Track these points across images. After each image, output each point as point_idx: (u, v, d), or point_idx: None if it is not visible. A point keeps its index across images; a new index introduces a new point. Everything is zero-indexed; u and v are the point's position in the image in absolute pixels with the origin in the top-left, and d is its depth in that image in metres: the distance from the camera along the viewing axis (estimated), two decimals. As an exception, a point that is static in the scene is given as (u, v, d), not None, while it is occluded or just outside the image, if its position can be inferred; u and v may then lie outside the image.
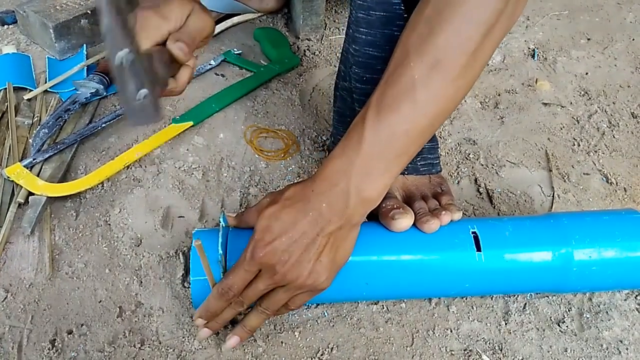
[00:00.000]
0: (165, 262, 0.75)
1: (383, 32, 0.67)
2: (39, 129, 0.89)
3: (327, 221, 0.57)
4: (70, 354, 0.66)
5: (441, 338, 0.68)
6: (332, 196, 0.57)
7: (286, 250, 0.57)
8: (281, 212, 0.58)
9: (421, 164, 0.76)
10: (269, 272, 0.58)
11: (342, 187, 0.57)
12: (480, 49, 0.55)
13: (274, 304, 0.61)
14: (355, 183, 0.57)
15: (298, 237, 0.57)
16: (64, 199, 0.81)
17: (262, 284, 0.59)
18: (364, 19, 0.68)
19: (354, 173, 0.56)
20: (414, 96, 0.55)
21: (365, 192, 0.57)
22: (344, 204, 0.57)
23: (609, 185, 0.88)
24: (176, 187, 0.84)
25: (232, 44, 1.13)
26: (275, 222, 0.57)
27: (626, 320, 0.71)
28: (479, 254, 0.66)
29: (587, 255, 0.66)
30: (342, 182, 0.57)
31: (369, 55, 0.70)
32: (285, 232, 0.57)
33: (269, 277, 0.58)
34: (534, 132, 0.96)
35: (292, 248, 0.57)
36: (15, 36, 1.11)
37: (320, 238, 0.57)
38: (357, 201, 0.57)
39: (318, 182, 0.58)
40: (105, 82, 0.98)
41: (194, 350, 0.66)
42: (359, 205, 0.58)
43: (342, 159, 0.57)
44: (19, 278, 0.73)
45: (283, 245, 0.57)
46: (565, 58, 1.12)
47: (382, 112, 0.56)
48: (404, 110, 0.56)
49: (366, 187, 0.57)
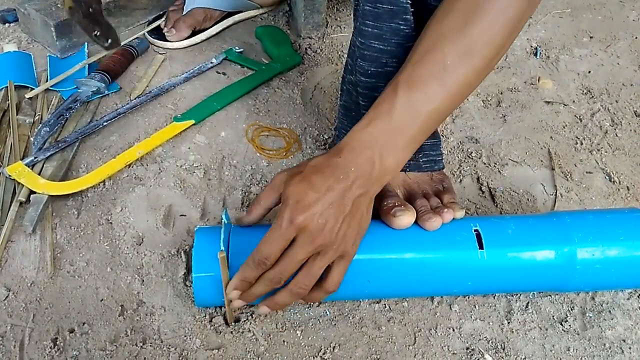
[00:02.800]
0: (167, 260, 0.75)
1: (390, 25, 0.67)
2: (41, 128, 0.89)
3: (357, 186, 0.59)
4: (72, 352, 0.66)
5: (443, 337, 0.68)
6: (360, 163, 0.59)
7: (322, 213, 0.57)
8: (311, 177, 0.58)
9: (423, 160, 0.76)
10: (307, 237, 0.57)
11: (369, 154, 0.59)
12: (505, 43, 0.61)
13: (310, 277, 0.60)
14: (380, 152, 0.59)
15: (333, 201, 0.58)
16: (65, 197, 0.81)
17: (301, 251, 0.58)
18: (371, 11, 0.68)
19: (381, 143, 0.59)
20: (444, 79, 0.59)
21: (387, 162, 0.60)
22: (369, 171, 0.59)
23: (612, 183, 0.87)
24: (178, 185, 0.84)
25: (233, 42, 1.13)
26: (309, 186, 0.58)
27: (629, 319, 0.71)
28: (481, 251, 0.66)
29: (590, 253, 0.66)
30: (369, 150, 0.59)
31: (375, 49, 0.69)
32: (320, 196, 0.57)
33: (308, 242, 0.58)
34: (536, 131, 0.96)
35: (328, 211, 0.57)
36: (16, 34, 1.11)
37: (350, 202, 0.59)
38: (380, 169, 0.60)
39: (345, 151, 0.60)
40: (106, 81, 0.98)
41: (196, 349, 0.66)
42: (381, 174, 0.60)
43: (370, 129, 0.60)
44: (20, 277, 0.73)
45: (319, 208, 0.57)
46: (568, 56, 1.12)
47: (413, 89, 0.59)
48: (433, 91, 0.59)
49: (389, 157, 0.60)
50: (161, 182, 0.85)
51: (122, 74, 1.03)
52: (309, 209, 0.57)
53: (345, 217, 0.58)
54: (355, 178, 0.59)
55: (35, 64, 1.04)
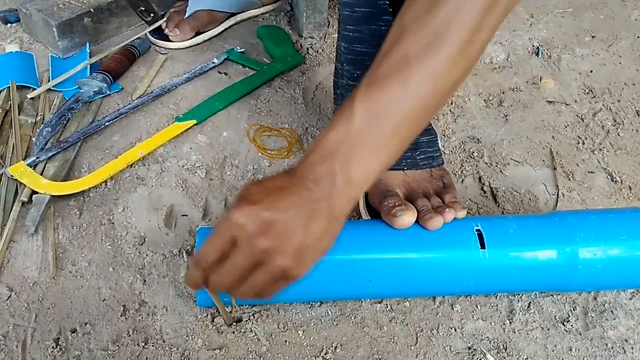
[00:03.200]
0: (168, 260, 0.75)
1: (369, 27, 0.67)
2: (43, 128, 0.89)
3: (314, 197, 0.53)
4: (74, 352, 0.66)
5: (445, 337, 0.68)
6: (319, 172, 0.53)
7: (267, 214, 0.51)
8: (262, 182, 0.54)
9: (420, 157, 0.75)
10: (245, 238, 0.52)
11: (329, 164, 0.53)
12: (481, 26, 0.52)
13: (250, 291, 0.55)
14: (341, 162, 0.53)
15: (282, 205, 0.52)
16: (67, 197, 0.81)
17: (239, 256, 0.53)
18: (350, 16, 0.68)
19: (342, 151, 0.53)
20: (407, 74, 0.52)
21: (352, 172, 0.53)
22: (330, 183, 0.53)
23: (614, 183, 0.87)
24: (179, 185, 0.84)
25: (235, 42, 1.13)
26: (258, 186, 0.53)
27: (631, 319, 0.70)
28: (483, 251, 0.66)
29: (592, 253, 0.66)
30: (329, 160, 0.53)
31: (357, 52, 0.70)
32: (267, 196, 0.52)
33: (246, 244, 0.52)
34: (538, 130, 0.96)
35: (275, 214, 0.51)
36: (18, 34, 1.11)
37: (304, 212, 0.52)
38: (344, 182, 0.53)
39: (304, 161, 0.54)
40: (108, 81, 0.98)
41: (198, 348, 0.66)
42: (345, 188, 0.53)
43: (331, 136, 0.53)
44: (22, 277, 0.73)
45: (264, 207, 0.51)
46: (570, 56, 1.12)
47: (371, 89, 0.53)
48: (395, 88, 0.53)
49: (353, 167, 0.53)
50: (163, 182, 0.85)
51: (123, 74, 1.03)
52: (251, 206, 0.51)
53: (294, 225, 0.52)
54: (315, 190, 0.52)
55: (37, 64, 1.04)
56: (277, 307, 0.70)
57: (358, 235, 0.67)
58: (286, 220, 0.52)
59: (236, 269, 0.54)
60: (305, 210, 0.52)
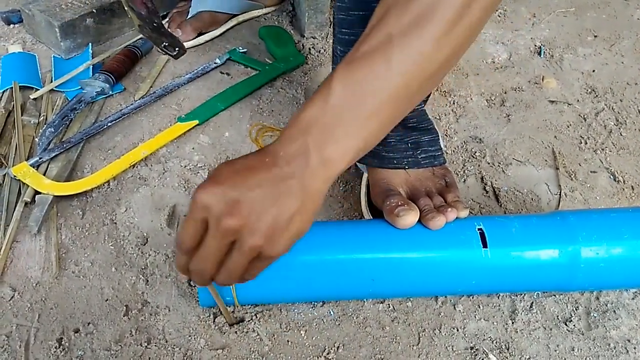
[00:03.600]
0: (171, 260, 0.75)
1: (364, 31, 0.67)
2: (45, 128, 0.89)
3: (283, 176, 0.51)
4: (77, 352, 0.66)
5: (447, 337, 0.68)
6: (292, 149, 0.51)
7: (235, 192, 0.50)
8: (233, 161, 0.53)
9: (422, 157, 0.75)
10: (214, 218, 0.51)
11: (302, 141, 0.51)
12: (469, 7, 0.50)
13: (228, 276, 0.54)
14: (316, 139, 0.51)
15: (252, 182, 0.51)
16: (70, 197, 0.81)
17: (211, 238, 0.52)
18: (344, 19, 0.68)
19: (316, 129, 0.51)
20: (389, 53, 0.50)
21: (327, 151, 0.51)
22: (304, 161, 0.51)
23: (616, 183, 0.87)
24: (182, 185, 0.84)
25: (237, 42, 1.13)
26: (226, 168, 0.52)
27: (634, 319, 0.70)
28: (485, 250, 0.66)
29: (594, 252, 0.66)
30: (302, 137, 0.51)
31: None
32: (236, 175, 0.51)
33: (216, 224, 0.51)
34: (540, 130, 0.96)
35: (243, 192, 0.50)
36: (21, 35, 1.12)
37: (277, 190, 0.51)
38: (318, 160, 0.51)
39: (278, 139, 0.53)
40: (110, 81, 0.98)
41: (200, 349, 0.66)
42: (320, 166, 0.51)
43: (306, 113, 0.52)
44: (25, 277, 0.73)
45: (230, 185, 0.50)
46: (572, 55, 1.12)
47: (352, 67, 0.51)
48: (377, 67, 0.51)
49: (328, 146, 0.51)
50: (165, 183, 0.85)
51: (126, 74, 1.03)
52: (218, 186, 0.50)
53: (262, 204, 0.50)
54: (285, 164, 0.51)
55: (40, 65, 1.04)
56: (280, 307, 0.70)
57: (360, 234, 0.68)
58: (253, 199, 0.50)
59: (211, 252, 0.53)
60: (274, 189, 0.51)
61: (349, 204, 0.83)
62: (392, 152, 0.74)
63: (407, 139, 0.75)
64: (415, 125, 0.74)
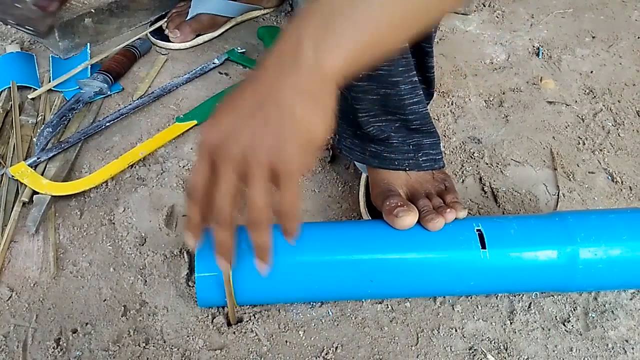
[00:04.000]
0: (169, 260, 0.75)
1: None
2: (43, 128, 0.89)
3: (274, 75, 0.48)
4: (75, 352, 0.66)
5: (446, 337, 0.68)
6: (282, 48, 0.48)
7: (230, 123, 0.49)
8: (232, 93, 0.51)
9: (423, 159, 0.76)
10: (220, 156, 0.49)
11: (295, 37, 0.48)
12: None
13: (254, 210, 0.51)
14: (311, 32, 0.48)
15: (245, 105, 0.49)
16: (68, 197, 0.81)
17: (221, 177, 0.50)
18: None
19: (314, 26, 0.48)
20: None
21: (325, 54, 0.48)
22: (296, 57, 0.47)
23: (614, 184, 0.87)
24: (180, 185, 0.84)
25: (235, 42, 1.13)
26: (221, 103, 0.51)
27: (632, 319, 0.70)
28: (483, 251, 0.66)
29: (592, 253, 0.66)
30: (296, 34, 0.48)
31: None
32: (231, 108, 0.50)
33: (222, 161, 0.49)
34: (538, 131, 0.96)
35: (237, 119, 0.48)
36: (19, 35, 1.11)
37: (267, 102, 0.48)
38: (314, 60, 0.47)
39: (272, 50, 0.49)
40: (109, 81, 0.98)
41: (199, 349, 0.66)
42: (316, 68, 0.48)
43: (304, 14, 0.48)
44: (23, 277, 0.73)
45: (225, 117, 0.49)
46: (570, 56, 1.12)
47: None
48: None
49: (327, 48, 0.48)
50: (164, 183, 0.85)
51: (124, 74, 1.03)
52: (216, 120, 0.50)
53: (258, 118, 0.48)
54: (273, 65, 0.48)
55: (38, 65, 1.04)
56: (278, 308, 0.70)
57: (359, 235, 0.68)
58: (246, 118, 0.48)
59: (227, 189, 0.50)
60: (267, 98, 0.48)
61: (348, 205, 0.83)
62: (393, 153, 0.74)
63: (409, 140, 0.75)
64: (417, 127, 0.75)
